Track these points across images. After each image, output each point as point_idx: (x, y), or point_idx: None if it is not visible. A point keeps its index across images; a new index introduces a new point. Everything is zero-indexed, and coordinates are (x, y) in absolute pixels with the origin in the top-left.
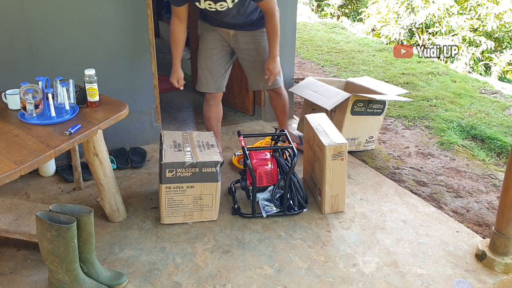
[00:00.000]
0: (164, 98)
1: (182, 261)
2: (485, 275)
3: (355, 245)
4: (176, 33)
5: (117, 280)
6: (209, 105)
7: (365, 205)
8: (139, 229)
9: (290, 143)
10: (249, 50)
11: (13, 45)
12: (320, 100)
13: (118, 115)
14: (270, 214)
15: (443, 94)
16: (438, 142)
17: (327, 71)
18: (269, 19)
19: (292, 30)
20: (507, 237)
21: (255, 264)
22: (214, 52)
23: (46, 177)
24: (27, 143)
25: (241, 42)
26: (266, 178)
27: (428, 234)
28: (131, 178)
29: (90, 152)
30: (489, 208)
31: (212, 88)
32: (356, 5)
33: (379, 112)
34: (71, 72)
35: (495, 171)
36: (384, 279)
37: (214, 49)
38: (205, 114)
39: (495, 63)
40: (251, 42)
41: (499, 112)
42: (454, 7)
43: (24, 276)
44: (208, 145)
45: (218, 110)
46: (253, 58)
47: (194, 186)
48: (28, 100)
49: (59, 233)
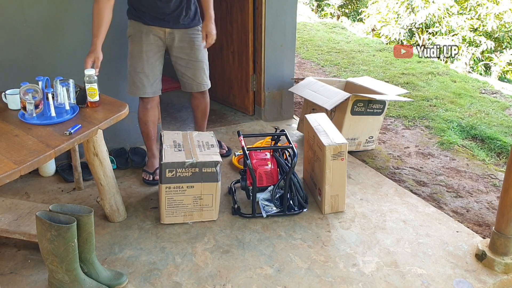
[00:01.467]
0: (164, 98)
1: (182, 261)
2: (485, 275)
3: (355, 245)
4: (101, 10)
5: (117, 280)
6: (146, 108)
7: (365, 205)
8: (139, 229)
9: (291, 143)
10: (184, 49)
11: (13, 45)
12: (320, 100)
13: (118, 115)
14: (270, 214)
15: (443, 94)
16: (438, 142)
17: (327, 71)
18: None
19: (292, 30)
20: (507, 237)
21: (255, 264)
22: (150, 54)
23: (46, 177)
24: (27, 143)
25: (177, 40)
26: (266, 178)
27: (428, 234)
28: (131, 178)
29: (90, 152)
30: (489, 208)
31: (149, 92)
32: (356, 5)
33: (379, 112)
34: (71, 72)
35: (495, 171)
36: (384, 279)
37: (150, 51)
38: (142, 118)
39: (495, 63)
40: (186, 40)
41: (499, 112)
42: (454, 7)
43: (24, 276)
44: (208, 145)
45: (155, 113)
46: (188, 56)
47: (194, 186)
48: (28, 100)
49: (59, 233)
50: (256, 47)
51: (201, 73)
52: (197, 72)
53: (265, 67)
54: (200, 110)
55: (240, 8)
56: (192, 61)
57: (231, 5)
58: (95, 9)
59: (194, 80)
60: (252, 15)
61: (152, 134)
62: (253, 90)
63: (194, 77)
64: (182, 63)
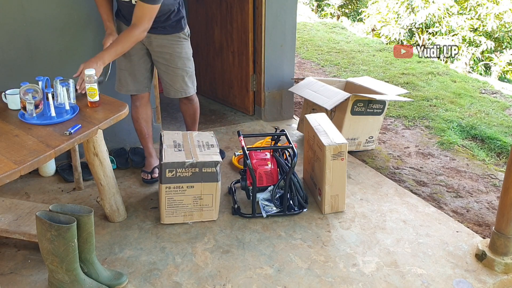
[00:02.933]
0: (164, 98)
1: (182, 261)
2: (485, 275)
3: (355, 245)
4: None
5: (117, 280)
6: (136, 106)
7: (365, 205)
8: (139, 229)
9: (291, 143)
10: (163, 54)
11: (13, 45)
12: (320, 99)
13: (118, 115)
14: (270, 214)
15: (443, 94)
16: (438, 142)
17: (327, 71)
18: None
19: (292, 30)
20: (507, 237)
21: (255, 264)
22: (132, 52)
23: (46, 177)
24: (27, 143)
25: (154, 44)
26: (266, 178)
27: (428, 234)
28: (131, 178)
29: (90, 152)
30: (489, 208)
31: (132, 90)
32: (356, 5)
33: (379, 112)
34: (71, 72)
35: (495, 171)
36: (384, 279)
37: (131, 50)
38: (133, 116)
39: (495, 63)
40: (165, 46)
41: (499, 112)
42: (454, 7)
43: (24, 276)
44: (208, 145)
45: (146, 111)
46: (167, 62)
47: (194, 186)
48: (28, 100)
49: (59, 233)
50: (256, 47)
51: (179, 79)
52: (175, 79)
53: (265, 67)
54: (188, 115)
55: (240, 8)
56: (171, 67)
57: (231, 5)
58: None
59: (171, 86)
60: (252, 15)
61: (145, 132)
62: (253, 90)
63: (172, 82)
64: (161, 68)
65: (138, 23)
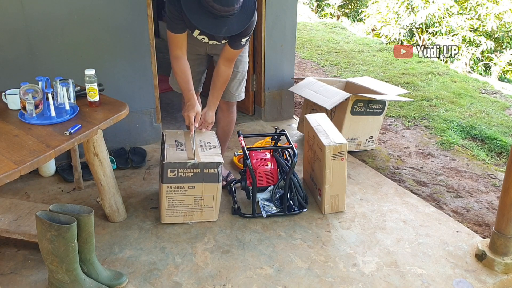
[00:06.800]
0: (164, 98)
1: (182, 261)
2: (485, 275)
3: (355, 245)
4: (183, 66)
5: (117, 280)
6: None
7: (365, 205)
8: (139, 229)
9: (291, 143)
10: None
11: (13, 45)
12: (320, 99)
13: (118, 115)
14: (270, 214)
15: (443, 94)
16: (438, 142)
17: (327, 71)
18: (227, 67)
19: (292, 30)
20: (507, 237)
21: (255, 264)
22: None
23: (46, 177)
24: (27, 143)
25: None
26: (266, 178)
27: (428, 234)
28: (131, 178)
29: (90, 152)
30: (489, 208)
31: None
32: (356, 5)
33: (379, 112)
34: (71, 72)
35: (495, 171)
36: (384, 279)
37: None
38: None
39: (495, 63)
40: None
41: (499, 112)
42: (454, 7)
43: (24, 276)
44: (210, 145)
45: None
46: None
47: (195, 186)
48: (28, 100)
49: (59, 233)
50: (256, 47)
51: (237, 83)
52: (233, 82)
53: (265, 67)
54: (222, 126)
55: None
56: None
57: None
58: (176, 67)
59: (227, 89)
60: None
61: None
62: (253, 90)
63: (228, 85)
64: None
65: (230, 64)
